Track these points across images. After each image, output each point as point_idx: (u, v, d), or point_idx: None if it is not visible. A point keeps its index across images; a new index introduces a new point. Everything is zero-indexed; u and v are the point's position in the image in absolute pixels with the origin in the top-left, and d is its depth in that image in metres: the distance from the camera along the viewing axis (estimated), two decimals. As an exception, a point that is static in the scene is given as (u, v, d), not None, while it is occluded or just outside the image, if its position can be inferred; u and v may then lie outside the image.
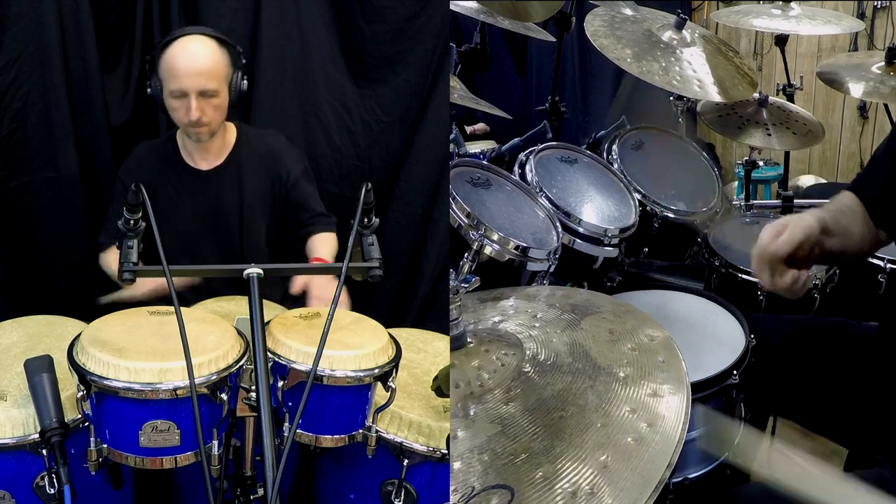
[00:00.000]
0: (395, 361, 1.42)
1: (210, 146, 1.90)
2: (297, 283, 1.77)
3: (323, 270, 1.67)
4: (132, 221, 1.17)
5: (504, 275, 1.59)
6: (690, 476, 1.42)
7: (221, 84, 1.79)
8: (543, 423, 0.95)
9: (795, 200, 2.57)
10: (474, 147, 2.78)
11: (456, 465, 0.92)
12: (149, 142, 2.12)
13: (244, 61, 1.85)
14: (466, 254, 1.55)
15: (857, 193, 1.41)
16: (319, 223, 2.00)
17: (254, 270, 1.12)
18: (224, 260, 1.92)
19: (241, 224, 1.94)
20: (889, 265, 1.90)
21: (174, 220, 1.91)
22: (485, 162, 1.90)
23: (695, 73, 2.08)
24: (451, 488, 0.89)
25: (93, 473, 1.26)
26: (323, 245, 1.95)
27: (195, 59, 1.75)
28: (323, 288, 1.75)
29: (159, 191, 1.90)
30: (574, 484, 0.86)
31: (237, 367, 1.28)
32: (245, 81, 1.84)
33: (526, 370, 1.07)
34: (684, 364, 1.04)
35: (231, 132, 1.95)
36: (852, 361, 1.50)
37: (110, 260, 1.21)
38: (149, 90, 1.79)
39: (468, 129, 3.95)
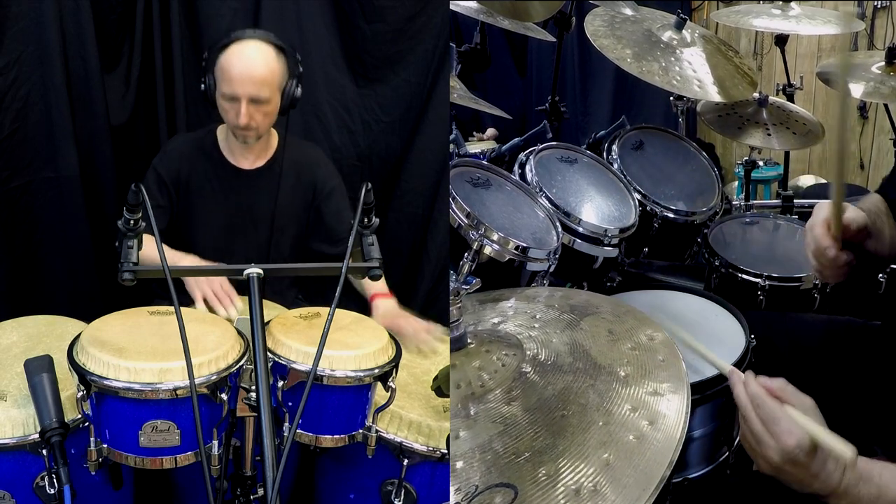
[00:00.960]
0: (395, 361, 1.42)
1: (253, 146, 1.90)
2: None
3: (323, 270, 1.66)
4: (132, 221, 1.17)
5: (504, 275, 1.59)
6: (690, 476, 1.42)
7: (274, 92, 1.78)
8: (545, 423, 0.96)
9: (795, 200, 2.58)
10: (474, 147, 2.78)
11: (458, 465, 0.93)
12: (186, 134, 2.11)
13: (301, 69, 1.83)
14: (466, 254, 1.55)
15: (883, 195, 1.41)
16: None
17: (254, 270, 1.12)
18: (251, 260, 1.91)
19: (272, 227, 1.93)
20: (889, 265, 1.91)
21: (210, 215, 1.91)
22: (485, 162, 1.90)
23: (695, 73, 2.07)
24: (455, 488, 0.89)
25: (93, 473, 1.26)
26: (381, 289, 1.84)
27: (250, 67, 1.74)
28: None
29: (196, 184, 1.89)
30: (577, 482, 0.86)
31: (237, 367, 1.28)
32: (299, 88, 1.82)
33: (526, 370, 1.07)
34: (684, 363, 1.04)
35: (273, 135, 1.95)
36: (856, 359, 1.50)
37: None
38: (202, 86, 1.78)
39: (476, 136, 3.94)
